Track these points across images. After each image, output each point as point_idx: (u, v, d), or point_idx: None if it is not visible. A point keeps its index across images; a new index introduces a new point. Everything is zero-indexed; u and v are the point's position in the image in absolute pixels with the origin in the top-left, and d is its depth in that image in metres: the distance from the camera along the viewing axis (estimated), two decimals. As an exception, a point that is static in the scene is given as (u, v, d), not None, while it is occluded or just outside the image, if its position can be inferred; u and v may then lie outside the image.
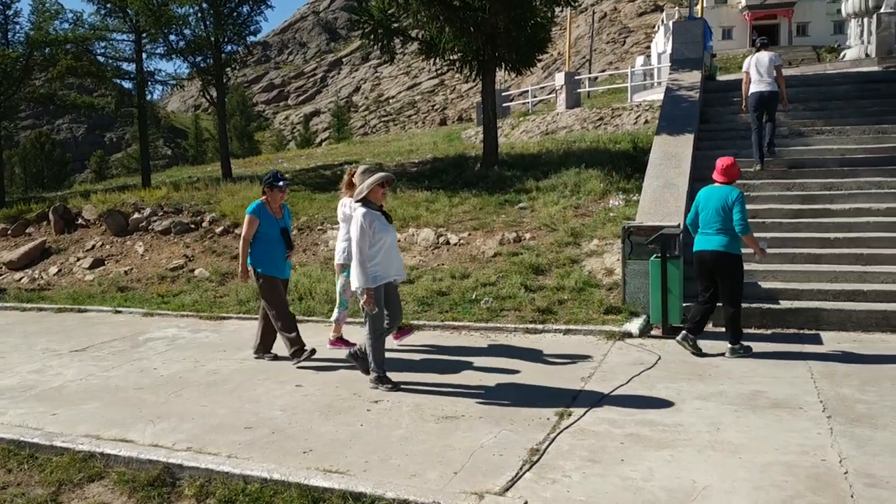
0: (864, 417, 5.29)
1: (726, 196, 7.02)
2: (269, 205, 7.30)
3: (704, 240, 7.12)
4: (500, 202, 12.54)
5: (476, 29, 14.22)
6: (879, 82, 13.83)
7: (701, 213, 7.21)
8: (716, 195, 7.10)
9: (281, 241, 7.31)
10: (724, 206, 6.99)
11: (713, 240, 7.03)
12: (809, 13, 59.45)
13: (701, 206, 7.23)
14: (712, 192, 7.17)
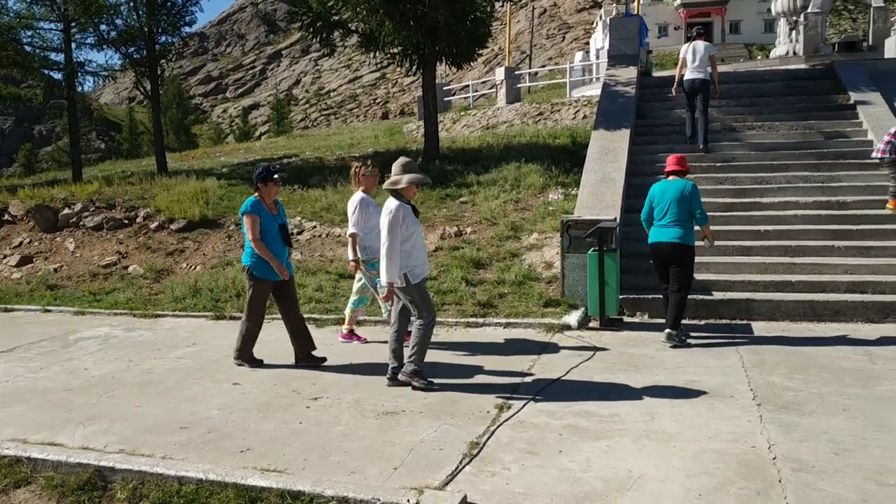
0: (791, 404, 5.48)
1: (682, 188, 7.29)
2: (264, 201, 6.78)
3: (661, 232, 7.35)
4: (441, 196, 12.55)
5: (416, 22, 14.18)
6: (806, 79, 14.31)
7: (656, 207, 7.43)
8: (672, 188, 7.35)
9: (280, 239, 6.82)
10: (681, 198, 7.24)
11: (669, 232, 7.27)
12: (741, 12, 61.15)
13: (656, 199, 7.46)
14: (668, 186, 7.42)
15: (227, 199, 13.75)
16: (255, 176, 6.86)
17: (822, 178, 10.46)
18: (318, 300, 9.28)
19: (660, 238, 7.33)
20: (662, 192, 7.42)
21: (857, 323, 7.82)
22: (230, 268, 10.89)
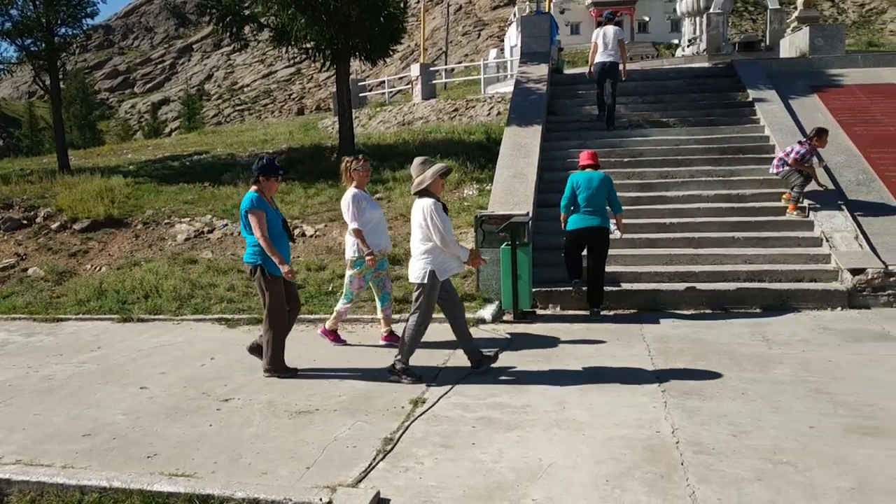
0: (693, 390, 5.70)
1: (604, 178, 8.10)
2: (265, 195, 6.37)
3: (586, 218, 8.02)
4: (356, 193, 12.46)
5: (329, 17, 14.04)
6: (708, 77, 14.88)
7: (581, 195, 8.03)
8: (596, 178, 8.07)
9: (284, 236, 6.46)
10: (603, 188, 7.99)
11: (595, 218, 8.01)
12: (649, 11, 63.05)
13: (581, 188, 8.05)
14: (592, 176, 8.10)
15: (135, 198, 13.30)
16: (257, 168, 6.36)
17: (723, 172, 10.91)
18: (231, 300, 9.09)
19: (585, 224, 7.99)
20: (588, 181, 8.06)
21: (756, 310, 8.20)
22: (137, 268, 10.53)
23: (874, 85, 13.43)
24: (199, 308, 8.89)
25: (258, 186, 6.33)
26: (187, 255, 10.80)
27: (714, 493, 3.99)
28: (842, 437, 4.73)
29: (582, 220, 7.99)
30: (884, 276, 8.20)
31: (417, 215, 6.07)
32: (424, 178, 6.09)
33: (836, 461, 4.36)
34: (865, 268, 8.26)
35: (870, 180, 10.22)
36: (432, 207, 5.96)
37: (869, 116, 12.14)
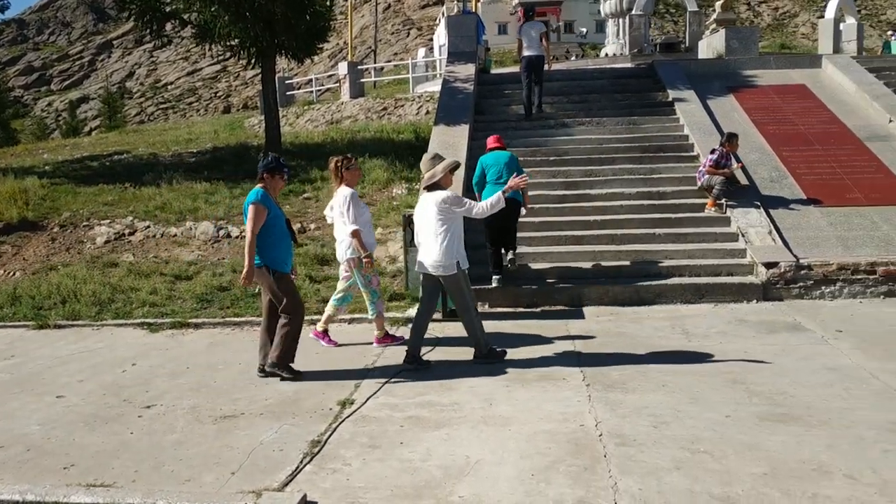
0: (617, 383, 5.85)
1: (511, 156, 8.65)
2: (270, 193, 6.24)
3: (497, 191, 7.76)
4: (283, 192, 12.29)
5: (253, 15, 13.81)
6: (630, 78, 15.26)
7: (490, 171, 8.51)
8: (503, 156, 8.61)
9: (287, 236, 6.32)
10: (511, 164, 8.49)
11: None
12: (575, 12, 64.15)
13: (490, 165, 8.55)
14: (500, 155, 8.64)
15: (51, 200, 12.81)
16: (263, 165, 6.25)
17: (644, 170, 11.20)
18: (154, 304, 8.85)
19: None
20: (495, 159, 8.59)
21: (677, 304, 8.45)
22: (54, 273, 10.14)
23: (786, 86, 14.01)
24: (120, 313, 8.63)
25: (263, 184, 6.22)
26: (107, 259, 10.47)
27: (635, 484, 4.10)
28: (756, 424, 4.93)
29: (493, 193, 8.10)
30: (795, 269, 8.57)
31: (431, 208, 6.23)
32: (436, 173, 6.31)
33: (751, 448, 4.54)
34: (778, 261, 8.62)
35: (782, 177, 10.66)
36: (454, 198, 6.25)
37: (781, 116, 12.66)
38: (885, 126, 12.06)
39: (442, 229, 6.20)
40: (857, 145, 11.54)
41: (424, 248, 6.35)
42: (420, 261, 6.42)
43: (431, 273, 6.34)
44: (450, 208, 6.21)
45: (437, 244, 6.21)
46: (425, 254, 6.34)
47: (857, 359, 6.29)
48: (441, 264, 6.23)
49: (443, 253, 6.21)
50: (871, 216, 9.67)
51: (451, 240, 6.22)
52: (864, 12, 63.68)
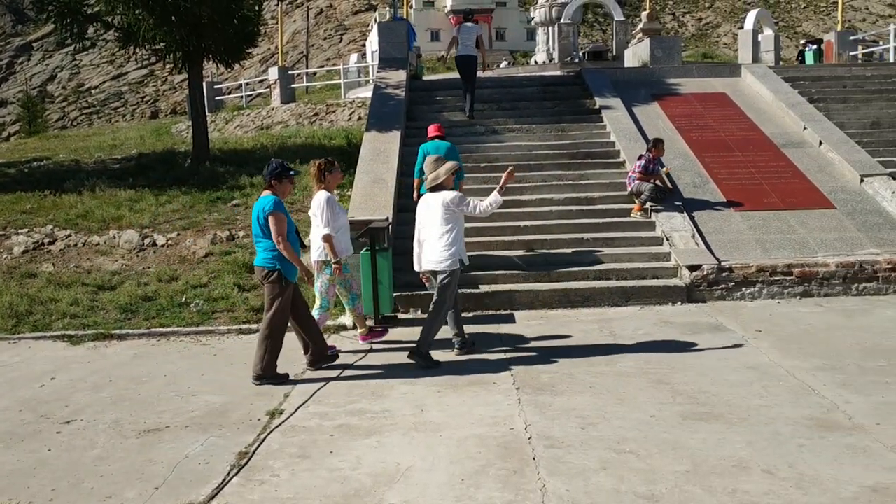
0: (546, 386, 5.93)
1: (449, 147, 9.22)
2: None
3: None
4: (211, 199, 12.09)
5: (179, 18, 13.51)
6: (559, 85, 15.53)
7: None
8: (444, 146, 9.14)
9: (296, 241, 6.41)
10: (451, 153, 8.97)
11: None
12: (506, 20, 64.96)
13: (430, 153, 8.71)
14: (439, 144, 9.21)
15: (-37, 208, 12.23)
16: (269, 172, 6.29)
17: (573, 176, 11.41)
18: (75, 315, 8.54)
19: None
20: (436, 148, 9.06)
21: (604, 307, 8.63)
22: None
23: (707, 94, 14.49)
24: (39, 325, 8.31)
25: (272, 190, 6.27)
26: (25, 269, 10.05)
27: (563, 485, 4.16)
28: (679, 423, 5.07)
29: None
30: (717, 271, 8.86)
31: (437, 208, 6.59)
32: (439, 175, 6.68)
33: (674, 447, 4.66)
34: (701, 264, 8.89)
35: (704, 182, 11.01)
36: (458, 198, 6.62)
37: (703, 123, 13.07)
38: (799, 133, 12.58)
39: (447, 228, 6.57)
40: (774, 152, 12.01)
41: (428, 245, 6.65)
42: (424, 258, 6.73)
43: (434, 269, 6.63)
44: (455, 208, 6.58)
45: (442, 242, 6.56)
46: (429, 251, 6.64)
47: (774, 357, 6.54)
48: (444, 260, 6.55)
49: (446, 249, 6.55)
50: (788, 220, 10.07)
51: (454, 238, 6.59)
52: (781, 24, 66.37)
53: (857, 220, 10.04)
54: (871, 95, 14.50)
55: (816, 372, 6.09)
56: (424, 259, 6.73)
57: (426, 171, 6.85)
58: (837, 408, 5.27)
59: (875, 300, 8.70)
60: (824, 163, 11.61)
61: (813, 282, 8.90)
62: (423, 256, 6.75)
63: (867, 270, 8.93)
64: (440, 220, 6.58)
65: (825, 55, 22.01)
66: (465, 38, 13.37)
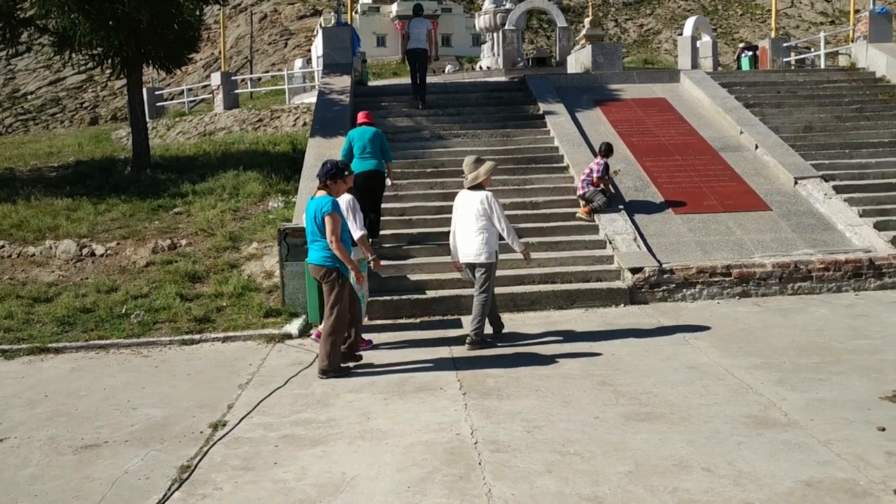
0: (492, 390, 5.96)
1: (377, 132, 9.55)
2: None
3: (363, 163, 9.36)
4: (153, 208, 11.83)
5: (116, 23, 13.19)
6: (504, 91, 15.66)
7: (356, 144, 9.42)
8: (369, 132, 9.48)
9: (349, 241, 6.70)
10: (376, 139, 9.44)
11: (370, 162, 9.39)
12: (452, 26, 65.20)
13: (356, 140, 9.44)
14: (365, 130, 9.51)
15: None
16: (325, 172, 6.53)
17: (518, 181, 11.51)
18: (9, 329, 8.26)
19: (363, 168, 9.29)
20: (362, 134, 9.48)
21: (550, 310, 8.72)
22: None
23: (648, 99, 14.77)
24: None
25: (327, 191, 6.51)
26: (-45, 282, 9.70)
27: (508, 489, 4.19)
28: (622, 424, 5.15)
29: (360, 165, 9.28)
30: (658, 273, 9.03)
31: (475, 205, 7.14)
32: (479, 174, 7.25)
33: (617, 448, 4.74)
34: (643, 266, 9.05)
35: (645, 186, 11.22)
36: (494, 198, 7.21)
37: (644, 128, 13.33)
38: (736, 137, 12.93)
39: (482, 224, 7.11)
40: (712, 155, 12.31)
41: (466, 239, 7.19)
42: (461, 251, 7.26)
43: (472, 261, 7.17)
44: (489, 207, 7.13)
45: (480, 236, 7.11)
46: (467, 244, 7.18)
47: (714, 357, 6.70)
48: (482, 252, 7.11)
49: (484, 243, 7.11)
50: (726, 222, 10.33)
51: (491, 233, 7.15)
52: (719, 30, 68.16)
53: (791, 221, 10.36)
54: (804, 100, 14.98)
55: (754, 370, 6.26)
56: (462, 252, 7.25)
57: (466, 171, 7.37)
58: (774, 405, 5.42)
59: (809, 299, 8.98)
60: (760, 166, 11.95)
61: (751, 282, 9.14)
62: (459, 249, 7.29)
63: (802, 270, 9.22)
64: (476, 217, 7.13)
65: (760, 61, 22.64)
66: (416, 32, 14.14)
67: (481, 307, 7.21)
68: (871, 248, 9.64)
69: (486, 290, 7.20)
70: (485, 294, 7.20)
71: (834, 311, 8.30)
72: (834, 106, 14.70)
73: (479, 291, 7.21)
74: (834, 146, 12.85)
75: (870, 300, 8.79)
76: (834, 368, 6.24)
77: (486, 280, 7.19)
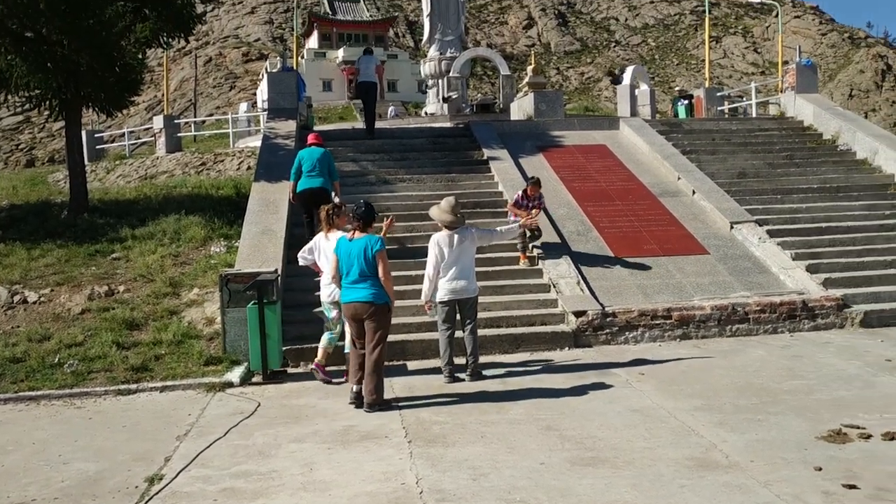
0: (438, 437, 5.91)
1: (323, 153, 10.33)
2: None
3: (310, 181, 10.15)
4: (90, 253, 11.50)
5: (56, 65, 12.99)
6: (448, 137, 15.87)
7: (305, 164, 10.20)
8: (317, 153, 10.30)
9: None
10: (324, 159, 10.27)
11: (318, 180, 10.15)
12: (398, 72, 66.02)
13: (305, 159, 10.22)
14: (314, 151, 10.32)
15: None
16: (363, 214, 6.94)
17: (463, 225, 11.57)
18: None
19: (309, 185, 10.12)
20: (310, 153, 10.27)
21: (495, 354, 8.73)
22: None
23: (589, 146, 15.12)
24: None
25: (372, 230, 7.00)
26: None
27: (454, 539, 4.13)
28: (568, 470, 5.15)
29: (307, 182, 10.13)
30: (601, 316, 9.15)
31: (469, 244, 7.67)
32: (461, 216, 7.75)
33: (563, 493, 4.73)
34: (586, 310, 9.17)
35: (588, 230, 11.43)
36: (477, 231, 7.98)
37: (585, 174, 13.62)
38: (675, 183, 13.30)
39: (472, 258, 7.73)
40: (652, 201, 12.63)
41: (460, 275, 7.55)
42: (452, 288, 7.55)
43: (468, 296, 7.62)
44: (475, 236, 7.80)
45: (471, 271, 7.63)
46: (461, 280, 7.55)
47: (656, 399, 6.78)
48: (474, 286, 7.70)
49: (474, 277, 7.70)
50: (667, 265, 10.57)
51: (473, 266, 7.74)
52: (656, 79, 70.48)
53: (728, 264, 10.65)
54: (738, 147, 15.55)
55: (695, 412, 6.35)
56: (452, 287, 7.54)
57: (445, 214, 7.67)
58: (715, 447, 5.50)
59: (747, 340, 9.20)
60: (698, 211, 12.30)
61: (691, 324, 9.33)
62: (447, 287, 7.54)
63: (739, 312, 9.46)
64: (471, 254, 7.70)
65: (696, 109, 23.47)
66: (366, 67, 15.46)
67: (476, 338, 7.80)
68: (804, 290, 9.96)
69: (476, 320, 7.84)
70: (476, 324, 7.81)
71: (770, 353, 8.51)
72: (766, 153, 15.30)
73: (473, 324, 7.73)
74: (766, 192, 13.34)
75: (804, 341, 9.05)
76: (772, 409, 6.38)
77: (476, 312, 7.81)
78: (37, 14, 11.81)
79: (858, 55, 75.29)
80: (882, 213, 12.66)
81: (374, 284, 6.74)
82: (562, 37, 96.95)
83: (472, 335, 7.74)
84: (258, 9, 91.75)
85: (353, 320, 6.91)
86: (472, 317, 7.73)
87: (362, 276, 6.74)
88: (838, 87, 70.31)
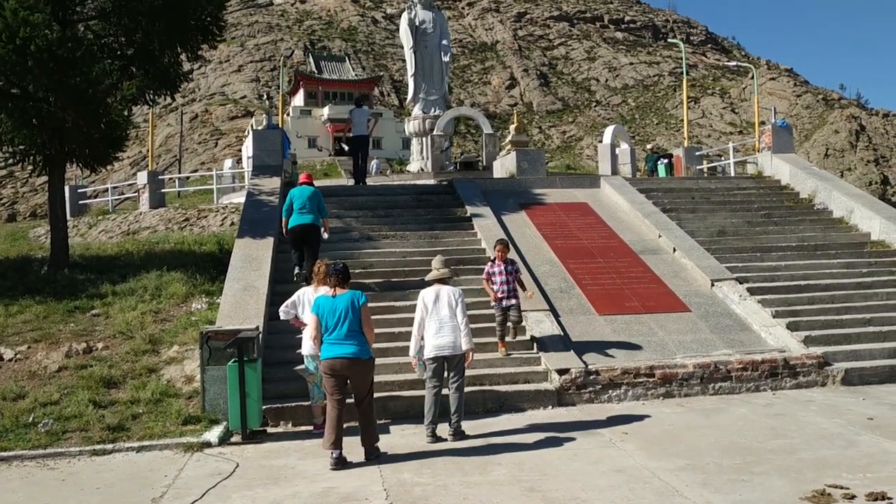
0: (419, 499, 5.82)
1: (315, 191, 10.94)
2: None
3: (301, 217, 10.69)
4: (69, 309, 11.37)
5: (41, 121, 13.05)
6: (432, 194, 16.00)
7: (296, 202, 10.72)
8: (308, 191, 10.85)
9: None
10: (314, 197, 10.80)
11: (308, 217, 10.70)
12: (382, 129, 66.65)
13: (297, 197, 10.76)
14: (305, 189, 10.89)
15: None
16: (342, 269, 7.19)
17: (446, 282, 11.58)
18: None
19: (300, 222, 10.68)
20: (301, 192, 10.83)
21: (479, 412, 8.64)
22: None
23: (570, 203, 15.30)
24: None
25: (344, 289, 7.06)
26: None
27: None
28: (551, 532, 5.07)
29: (298, 219, 10.68)
30: (585, 374, 9.13)
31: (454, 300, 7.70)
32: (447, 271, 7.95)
33: (546, 557, 4.64)
34: (569, 368, 9.15)
35: (570, 287, 11.48)
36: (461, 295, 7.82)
37: (567, 231, 13.74)
38: (655, 241, 13.45)
39: (457, 315, 7.62)
40: (633, 258, 12.74)
41: (444, 332, 7.57)
42: (437, 344, 7.57)
43: (454, 354, 7.57)
44: (458, 300, 7.71)
45: (458, 328, 7.59)
46: (445, 336, 7.56)
47: (640, 459, 6.73)
48: (459, 343, 7.58)
49: (462, 334, 7.60)
50: (649, 323, 10.60)
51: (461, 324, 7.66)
52: (636, 138, 71.81)
53: (710, 322, 10.70)
54: (717, 206, 15.78)
55: (679, 472, 6.30)
56: (437, 344, 7.56)
57: (434, 267, 7.99)
58: (699, 508, 5.44)
59: (730, 398, 9.18)
60: (679, 268, 12.41)
61: (674, 382, 9.32)
62: (433, 342, 7.57)
63: (722, 370, 9.47)
64: (451, 310, 7.64)
65: (675, 168, 23.88)
66: (358, 121, 16.78)
67: (462, 396, 7.75)
68: (785, 347, 10.01)
69: (464, 378, 7.80)
70: (462, 382, 7.76)
71: (753, 411, 8.50)
72: (744, 211, 15.53)
73: (460, 381, 7.70)
74: (746, 249, 13.50)
75: (786, 399, 9.05)
76: (755, 469, 6.35)
77: (463, 370, 7.72)
78: (24, 71, 11.90)
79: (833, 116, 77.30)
80: (859, 272, 12.83)
81: (360, 341, 6.92)
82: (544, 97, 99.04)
83: (458, 393, 7.70)
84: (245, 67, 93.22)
85: (334, 376, 6.87)
86: (459, 374, 7.70)
87: (350, 331, 6.88)
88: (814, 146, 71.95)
